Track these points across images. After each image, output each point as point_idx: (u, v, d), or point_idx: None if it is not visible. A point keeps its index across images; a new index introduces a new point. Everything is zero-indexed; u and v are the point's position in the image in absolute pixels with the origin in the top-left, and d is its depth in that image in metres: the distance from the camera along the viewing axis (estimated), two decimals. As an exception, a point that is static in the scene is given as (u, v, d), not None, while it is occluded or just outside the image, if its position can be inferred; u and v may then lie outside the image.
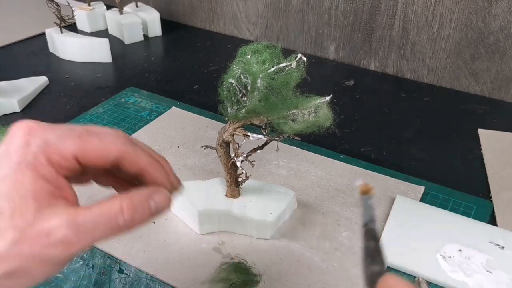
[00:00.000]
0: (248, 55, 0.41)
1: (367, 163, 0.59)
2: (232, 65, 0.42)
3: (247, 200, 0.49)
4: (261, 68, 0.40)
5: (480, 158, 0.62)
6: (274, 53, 0.41)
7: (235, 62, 0.42)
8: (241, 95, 0.41)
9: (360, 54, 0.85)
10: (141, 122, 0.67)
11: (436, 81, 0.80)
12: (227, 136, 0.45)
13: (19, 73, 0.79)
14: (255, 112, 0.42)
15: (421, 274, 0.44)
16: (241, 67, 0.41)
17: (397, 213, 0.51)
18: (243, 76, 0.41)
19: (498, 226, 0.50)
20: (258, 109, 0.41)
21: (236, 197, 0.49)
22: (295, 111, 0.41)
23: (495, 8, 0.70)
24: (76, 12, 0.96)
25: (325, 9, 0.85)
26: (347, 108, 0.73)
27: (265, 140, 0.44)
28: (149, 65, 0.87)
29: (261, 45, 0.42)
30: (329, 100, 0.42)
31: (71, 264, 0.45)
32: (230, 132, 0.45)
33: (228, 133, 0.45)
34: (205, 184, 0.51)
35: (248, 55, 0.41)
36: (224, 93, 0.42)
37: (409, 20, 0.78)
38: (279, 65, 0.41)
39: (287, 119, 0.41)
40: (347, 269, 0.45)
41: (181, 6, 1.02)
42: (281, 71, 0.41)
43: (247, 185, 0.50)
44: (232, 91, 0.42)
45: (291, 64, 0.41)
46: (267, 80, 0.40)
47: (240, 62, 0.42)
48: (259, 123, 0.43)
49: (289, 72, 0.41)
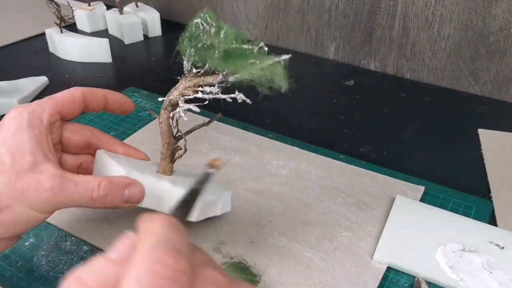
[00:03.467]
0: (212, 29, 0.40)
1: (367, 163, 0.59)
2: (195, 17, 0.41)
3: (179, 179, 0.45)
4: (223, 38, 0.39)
5: (480, 158, 0.62)
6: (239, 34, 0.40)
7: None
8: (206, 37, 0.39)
9: (360, 54, 0.85)
10: (141, 122, 0.67)
11: (436, 81, 0.80)
12: (176, 96, 0.42)
13: (19, 73, 0.79)
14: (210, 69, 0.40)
15: (421, 274, 0.44)
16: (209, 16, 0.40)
17: (397, 213, 0.51)
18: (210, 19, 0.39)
19: (498, 226, 0.50)
20: (217, 65, 0.39)
21: (168, 174, 0.45)
22: (254, 61, 0.38)
23: (495, 8, 0.70)
24: (76, 12, 0.96)
25: (325, 9, 0.85)
26: (347, 108, 0.73)
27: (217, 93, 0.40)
28: (149, 65, 0.87)
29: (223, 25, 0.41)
30: (287, 58, 0.39)
31: (70, 263, 0.45)
32: (180, 91, 0.41)
33: (177, 91, 0.42)
34: (138, 160, 0.47)
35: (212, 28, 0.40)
36: (185, 39, 0.40)
37: (409, 20, 0.78)
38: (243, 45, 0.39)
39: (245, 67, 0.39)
40: (347, 269, 0.45)
41: (181, 6, 1.02)
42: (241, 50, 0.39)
43: (182, 169, 0.47)
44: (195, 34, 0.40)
45: (252, 48, 0.40)
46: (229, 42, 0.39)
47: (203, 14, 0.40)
48: (213, 81, 0.40)
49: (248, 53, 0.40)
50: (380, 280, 0.44)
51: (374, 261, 0.46)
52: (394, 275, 0.45)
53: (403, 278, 0.45)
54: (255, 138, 0.64)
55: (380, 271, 0.45)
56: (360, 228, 0.50)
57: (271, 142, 0.63)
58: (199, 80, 0.41)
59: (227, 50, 0.39)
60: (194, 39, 0.40)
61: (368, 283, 0.44)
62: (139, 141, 0.62)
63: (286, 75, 0.39)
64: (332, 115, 0.71)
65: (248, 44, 0.40)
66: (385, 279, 0.44)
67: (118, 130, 0.66)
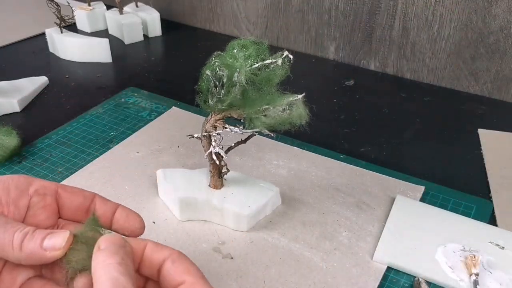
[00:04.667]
0: (235, 50, 0.42)
1: (367, 163, 0.59)
2: (212, 58, 0.43)
3: (229, 191, 0.50)
4: (245, 63, 0.41)
5: (480, 158, 0.62)
6: (260, 49, 0.42)
7: (215, 55, 0.43)
8: (215, 87, 0.42)
9: (360, 54, 0.85)
10: (141, 122, 0.67)
11: (436, 81, 0.80)
12: (209, 127, 0.46)
13: (19, 73, 0.79)
14: (232, 105, 0.43)
15: (421, 274, 0.44)
16: (219, 60, 0.42)
17: (397, 213, 0.51)
18: (219, 69, 0.42)
19: (498, 226, 0.50)
20: (235, 102, 0.42)
21: (219, 188, 0.50)
22: (268, 106, 0.41)
23: (495, 8, 0.70)
24: (76, 12, 0.96)
25: (325, 9, 0.85)
26: (347, 108, 0.73)
27: (242, 133, 0.45)
28: (149, 65, 0.87)
29: (248, 41, 0.43)
30: (302, 98, 0.42)
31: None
32: (211, 123, 0.46)
33: (209, 124, 0.46)
34: (191, 173, 0.53)
35: (235, 49, 0.42)
36: (202, 84, 0.43)
37: (409, 20, 0.78)
38: (264, 61, 0.41)
39: (259, 114, 0.42)
40: (347, 269, 0.45)
41: (181, 6, 1.02)
42: (266, 67, 0.41)
43: (232, 178, 0.51)
44: (206, 83, 0.43)
45: (276, 61, 0.41)
46: (248, 75, 0.40)
47: (219, 56, 0.43)
48: (237, 117, 0.44)
49: (274, 69, 0.41)
50: (380, 280, 0.44)
51: (374, 261, 0.46)
52: (394, 275, 0.45)
53: (403, 278, 0.45)
54: (255, 138, 0.63)
55: (380, 271, 0.45)
56: (360, 228, 0.50)
57: (271, 142, 0.63)
58: (226, 113, 0.44)
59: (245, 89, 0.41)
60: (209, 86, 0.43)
61: (368, 283, 0.44)
62: (139, 141, 0.62)
63: (306, 113, 0.41)
64: (332, 115, 0.71)
65: (270, 56, 0.42)
66: (385, 279, 0.44)
67: (118, 130, 0.66)
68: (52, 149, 0.62)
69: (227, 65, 0.42)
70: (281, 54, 0.42)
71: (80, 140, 0.63)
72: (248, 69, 0.41)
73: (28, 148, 0.62)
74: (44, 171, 0.58)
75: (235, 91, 0.41)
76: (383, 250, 0.46)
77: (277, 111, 0.42)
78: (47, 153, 0.61)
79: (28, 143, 0.63)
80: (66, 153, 0.61)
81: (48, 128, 0.66)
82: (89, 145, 0.62)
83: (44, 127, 0.67)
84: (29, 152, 0.61)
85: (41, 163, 0.59)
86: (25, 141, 0.62)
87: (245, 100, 0.42)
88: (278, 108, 0.41)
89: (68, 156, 0.60)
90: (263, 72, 0.42)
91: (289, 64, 0.42)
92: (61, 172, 0.57)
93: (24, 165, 0.59)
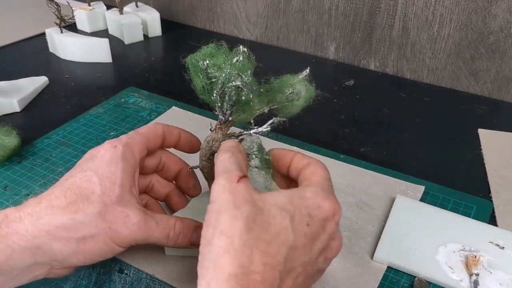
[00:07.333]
0: (205, 61, 0.40)
1: (367, 163, 0.59)
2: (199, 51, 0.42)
3: None
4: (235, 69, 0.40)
5: (480, 158, 0.62)
6: (225, 52, 0.41)
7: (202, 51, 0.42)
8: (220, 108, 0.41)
9: (360, 54, 0.85)
10: (141, 122, 0.67)
11: (436, 81, 0.80)
12: (218, 146, 0.42)
13: (19, 73, 0.79)
14: (251, 110, 0.41)
15: (421, 274, 0.44)
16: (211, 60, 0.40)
17: (397, 213, 0.51)
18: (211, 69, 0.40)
19: (498, 226, 0.50)
20: (257, 104, 0.40)
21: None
22: (291, 90, 0.41)
23: (495, 8, 0.70)
24: (76, 12, 0.96)
25: (325, 9, 0.85)
26: (347, 108, 0.73)
27: (260, 132, 0.42)
28: (149, 65, 0.87)
29: (211, 48, 0.41)
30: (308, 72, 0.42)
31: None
32: (220, 141, 0.43)
33: (218, 142, 0.43)
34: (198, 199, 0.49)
35: (206, 61, 0.41)
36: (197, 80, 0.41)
37: (409, 20, 0.78)
38: (232, 60, 0.40)
39: (288, 101, 0.41)
40: (347, 269, 0.45)
41: (181, 6, 1.02)
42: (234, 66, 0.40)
43: None
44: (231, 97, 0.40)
45: (239, 57, 0.40)
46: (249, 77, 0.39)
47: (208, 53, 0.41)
48: (243, 121, 0.43)
49: (242, 64, 0.40)
50: (380, 280, 0.44)
51: (374, 261, 0.46)
52: (394, 275, 0.45)
53: (403, 278, 0.45)
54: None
55: (380, 271, 0.45)
56: (360, 228, 0.50)
57: (271, 142, 0.63)
58: (233, 123, 0.43)
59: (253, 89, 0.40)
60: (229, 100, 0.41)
61: (368, 283, 0.44)
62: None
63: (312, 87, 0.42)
64: (332, 115, 0.71)
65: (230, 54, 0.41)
66: (385, 279, 0.44)
67: (118, 130, 0.66)
68: (52, 149, 0.62)
69: (219, 66, 0.40)
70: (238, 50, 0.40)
71: (80, 140, 0.63)
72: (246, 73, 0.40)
73: (28, 148, 0.62)
74: (44, 171, 0.58)
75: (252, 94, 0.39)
76: (383, 250, 0.46)
77: (297, 91, 0.41)
78: (47, 153, 0.61)
79: (28, 143, 0.63)
80: (66, 153, 0.61)
81: (48, 128, 0.66)
82: (89, 145, 0.62)
83: (44, 127, 0.67)
84: (29, 152, 0.61)
85: (41, 163, 0.59)
86: (25, 141, 0.62)
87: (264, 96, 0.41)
88: (295, 88, 0.41)
89: (68, 156, 0.60)
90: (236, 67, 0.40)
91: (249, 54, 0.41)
92: (61, 172, 0.57)
93: (24, 165, 0.59)
